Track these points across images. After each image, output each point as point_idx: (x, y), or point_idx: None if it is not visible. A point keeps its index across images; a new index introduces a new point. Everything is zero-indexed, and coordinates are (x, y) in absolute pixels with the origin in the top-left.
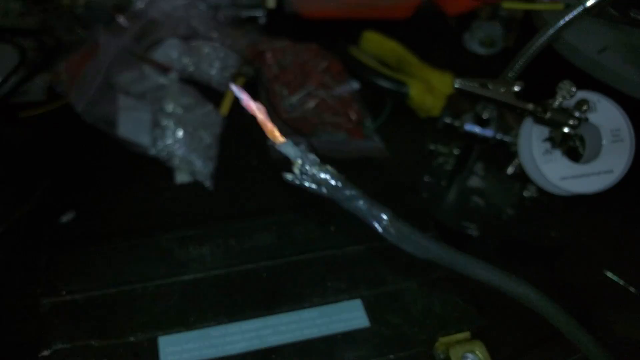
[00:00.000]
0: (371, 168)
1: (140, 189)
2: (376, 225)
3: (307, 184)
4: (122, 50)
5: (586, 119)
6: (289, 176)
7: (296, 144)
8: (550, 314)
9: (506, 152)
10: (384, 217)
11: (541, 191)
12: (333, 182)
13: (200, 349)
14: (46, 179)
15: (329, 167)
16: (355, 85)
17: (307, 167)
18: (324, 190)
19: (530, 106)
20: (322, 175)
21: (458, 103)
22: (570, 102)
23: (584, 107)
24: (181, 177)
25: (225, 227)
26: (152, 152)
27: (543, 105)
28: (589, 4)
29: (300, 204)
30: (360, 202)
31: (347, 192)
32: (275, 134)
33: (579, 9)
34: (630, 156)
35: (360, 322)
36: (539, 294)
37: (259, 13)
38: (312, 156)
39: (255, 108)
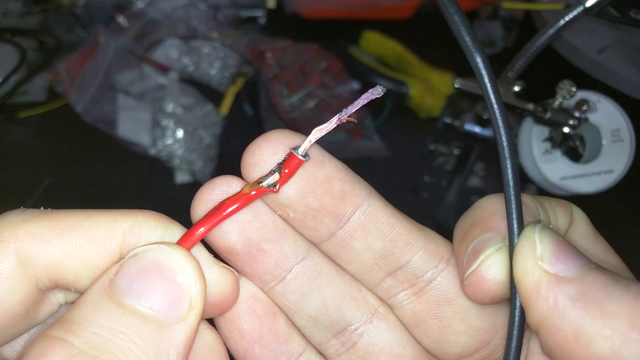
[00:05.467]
0: (371, 168)
1: (140, 189)
2: None
3: None
4: (122, 50)
5: (586, 119)
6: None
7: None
8: None
9: None
10: None
11: (541, 191)
12: None
13: None
14: (46, 179)
15: None
16: (355, 85)
17: None
18: None
19: (530, 106)
20: None
21: (458, 103)
22: (570, 102)
23: (584, 107)
24: (181, 177)
25: None
26: (152, 152)
27: (543, 105)
28: (589, 4)
29: None
30: None
31: None
32: None
33: (579, 9)
34: (630, 156)
35: None
36: None
37: (259, 13)
38: None
39: None
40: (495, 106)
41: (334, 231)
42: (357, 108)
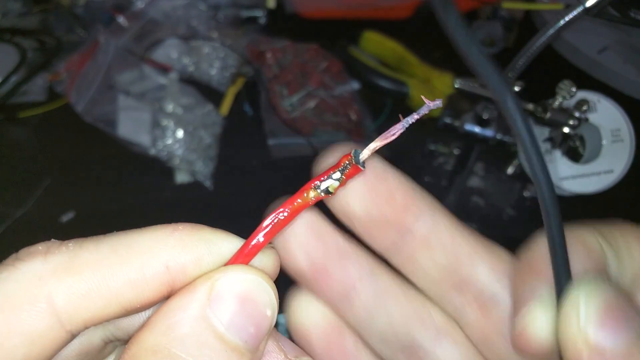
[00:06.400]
0: None
1: (141, 189)
2: None
3: None
4: (122, 50)
5: (586, 119)
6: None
7: None
8: None
9: (506, 152)
10: None
11: None
12: None
13: None
14: (46, 179)
15: None
16: (355, 85)
17: None
18: None
19: (530, 106)
20: None
21: (458, 103)
22: (570, 102)
23: (584, 107)
24: (181, 177)
25: (225, 227)
26: (152, 152)
27: (543, 105)
28: (589, 4)
29: None
30: None
31: None
32: None
33: (579, 9)
34: (630, 156)
35: None
36: None
37: (259, 13)
38: None
39: None
40: (535, 157)
41: (397, 243)
42: (419, 117)
